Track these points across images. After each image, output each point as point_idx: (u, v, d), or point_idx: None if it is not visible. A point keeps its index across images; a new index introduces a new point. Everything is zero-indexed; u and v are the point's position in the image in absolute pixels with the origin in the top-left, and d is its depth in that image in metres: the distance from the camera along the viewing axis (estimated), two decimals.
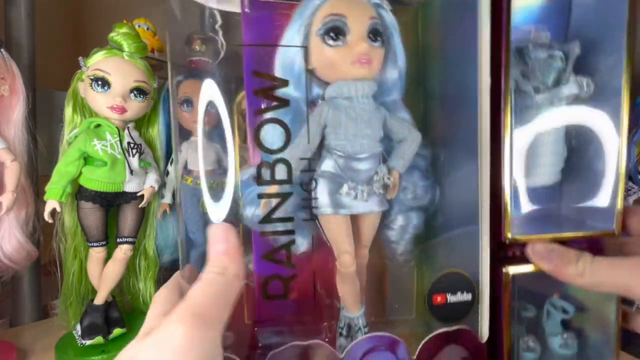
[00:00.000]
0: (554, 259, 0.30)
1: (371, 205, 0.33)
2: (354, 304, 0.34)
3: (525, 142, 0.35)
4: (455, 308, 0.33)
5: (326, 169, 0.32)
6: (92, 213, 0.47)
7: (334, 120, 0.31)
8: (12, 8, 0.58)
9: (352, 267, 0.33)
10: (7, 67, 0.48)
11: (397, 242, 0.35)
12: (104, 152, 0.46)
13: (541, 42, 0.35)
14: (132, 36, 0.47)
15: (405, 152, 0.33)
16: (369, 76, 0.31)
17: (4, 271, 0.49)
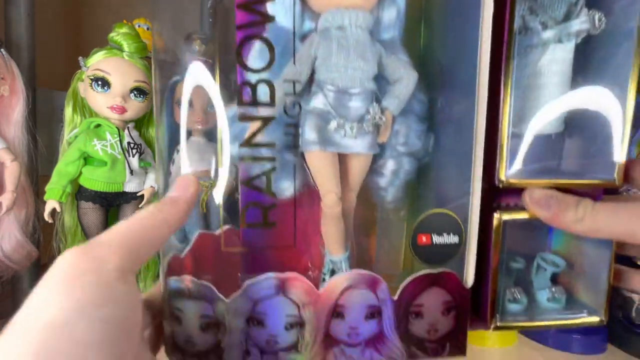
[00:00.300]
0: (552, 206, 0.28)
1: (361, 145, 0.32)
2: (337, 246, 0.33)
3: (527, 83, 0.34)
4: (440, 250, 0.32)
5: (315, 106, 0.31)
6: (92, 213, 0.47)
7: (324, 51, 0.30)
8: (12, 8, 0.58)
9: (337, 207, 0.32)
10: (7, 67, 0.48)
11: (386, 189, 0.34)
12: (104, 152, 0.46)
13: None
14: (132, 36, 0.47)
15: (400, 93, 0.32)
16: (363, 4, 0.30)
17: (4, 271, 0.49)
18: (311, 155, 0.32)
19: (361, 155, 0.33)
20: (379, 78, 0.33)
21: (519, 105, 0.33)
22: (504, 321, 0.33)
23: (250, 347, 0.29)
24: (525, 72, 0.34)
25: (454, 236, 0.32)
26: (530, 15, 0.33)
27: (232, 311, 0.29)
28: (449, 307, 0.31)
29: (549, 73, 0.34)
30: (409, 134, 0.33)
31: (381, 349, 0.31)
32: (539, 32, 0.33)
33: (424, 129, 0.34)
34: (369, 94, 0.32)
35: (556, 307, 0.36)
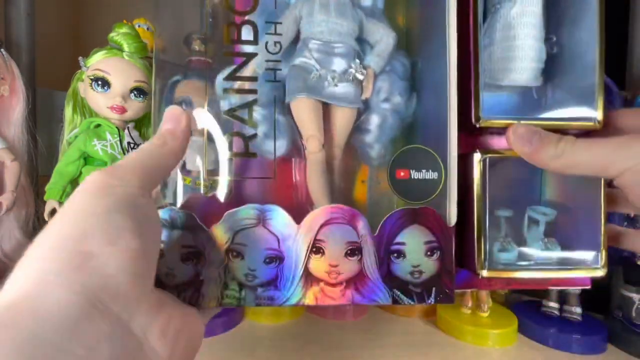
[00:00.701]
0: (534, 142, 0.28)
1: (344, 98, 0.33)
2: (321, 197, 0.33)
3: (501, 36, 0.36)
4: (419, 185, 0.31)
5: (301, 60, 0.33)
6: None
7: (308, 9, 0.33)
8: (12, 8, 0.58)
9: (319, 152, 0.33)
10: (7, 67, 0.48)
11: (372, 146, 0.35)
12: (104, 152, 0.46)
13: None
14: (132, 36, 0.47)
15: (380, 51, 0.34)
16: None
17: (3, 271, 0.49)
18: (296, 102, 0.32)
19: (345, 108, 0.33)
20: (363, 42, 0.35)
21: (496, 57, 0.36)
22: (493, 269, 0.33)
23: (229, 281, 0.29)
24: (497, 25, 0.35)
25: (433, 172, 0.31)
26: None
27: (212, 241, 0.29)
28: (432, 247, 0.31)
29: (518, 25, 0.35)
30: (391, 90, 0.34)
31: (362, 290, 0.30)
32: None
33: (406, 87, 0.35)
34: (352, 51, 0.33)
35: (550, 256, 0.35)
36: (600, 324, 0.51)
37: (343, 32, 0.33)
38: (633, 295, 0.49)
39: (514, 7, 0.35)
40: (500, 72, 0.36)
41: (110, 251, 0.19)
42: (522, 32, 0.35)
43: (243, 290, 0.29)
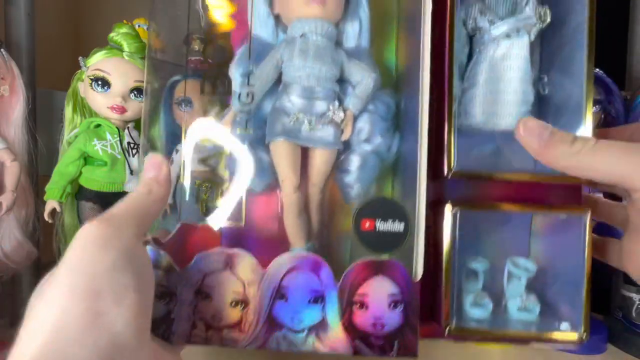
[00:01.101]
0: (544, 136, 0.26)
1: (321, 139, 0.33)
2: (296, 237, 0.34)
3: (484, 78, 0.34)
4: (385, 237, 0.31)
5: (282, 103, 0.34)
6: (92, 213, 0.47)
7: (288, 54, 0.33)
8: (12, 8, 0.58)
9: (293, 195, 0.33)
10: (7, 67, 0.48)
11: (352, 186, 0.35)
12: (104, 152, 0.46)
13: None
14: (132, 36, 0.47)
15: (360, 93, 0.34)
16: (323, 15, 0.33)
17: (3, 271, 0.49)
18: (274, 145, 0.33)
19: (323, 150, 0.34)
20: (346, 82, 0.35)
21: (479, 101, 0.34)
22: (461, 326, 0.31)
23: (197, 321, 0.30)
24: (481, 67, 0.34)
25: (400, 224, 0.31)
26: (481, 16, 0.34)
27: (183, 282, 0.30)
28: (396, 300, 0.30)
29: (503, 68, 0.34)
30: (372, 131, 0.34)
31: (324, 339, 0.30)
32: (488, 30, 0.34)
33: (388, 127, 0.35)
34: (331, 94, 0.34)
35: (527, 318, 0.34)
36: (600, 324, 0.51)
37: (322, 77, 0.33)
38: (633, 295, 0.49)
39: (498, 49, 0.34)
40: (483, 116, 0.34)
41: (117, 310, 0.21)
42: (506, 76, 0.34)
43: (210, 331, 0.30)
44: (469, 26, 0.35)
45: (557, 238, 0.34)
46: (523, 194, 0.33)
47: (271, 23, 0.35)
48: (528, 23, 0.33)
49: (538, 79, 0.35)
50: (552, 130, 0.26)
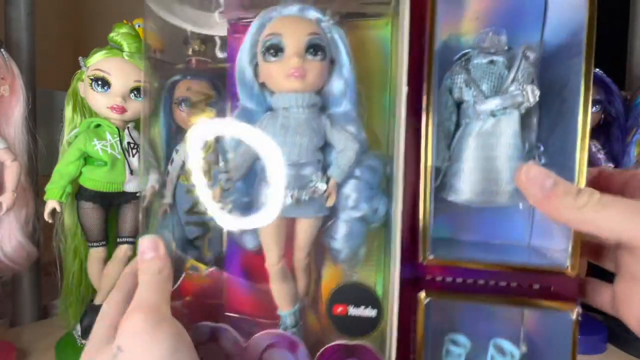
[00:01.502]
0: (547, 186, 0.24)
1: (304, 210, 0.34)
2: (282, 302, 0.35)
3: (468, 153, 0.32)
4: (357, 322, 0.32)
5: (265, 174, 0.34)
6: (92, 213, 0.47)
7: (271, 130, 0.34)
8: (12, 8, 0.58)
9: (277, 265, 0.34)
10: (7, 67, 0.48)
11: (340, 251, 0.35)
12: (104, 152, 0.46)
13: (489, 47, 0.32)
14: (132, 36, 0.47)
15: (342, 162, 0.34)
16: (303, 88, 0.33)
17: (4, 271, 0.49)
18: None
19: (308, 219, 0.35)
20: (330, 148, 0.35)
21: (465, 177, 0.32)
22: None
23: None
24: (467, 142, 0.33)
25: (372, 310, 0.31)
26: (466, 87, 0.33)
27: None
28: None
29: (489, 145, 0.32)
30: (358, 198, 0.34)
31: None
32: (472, 105, 0.33)
33: (373, 194, 0.35)
34: (315, 163, 0.34)
35: None
36: (600, 324, 0.51)
37: (304, 148, 0.33)
38: None
39: (484, 125, 0.32)
40: (469, 193, 0.32)
41: None
42: (493, 153, 0.32)
43: None
44: (454, 95, 0.34)
45: (544, 328, 0.33)
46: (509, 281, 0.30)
47: (257, 90, 0.35)
48: (515, 102, 0.31)
49: (535, 147, 0.33)
50: (556, 179, 0.25)
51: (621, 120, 0.56)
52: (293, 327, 0.35)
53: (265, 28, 0.34)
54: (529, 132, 0.33)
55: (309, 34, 0.33)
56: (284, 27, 0.33)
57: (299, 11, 0.34)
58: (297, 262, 0.36)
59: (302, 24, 0.33)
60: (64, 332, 0.51)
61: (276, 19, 0.34)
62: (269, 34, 0.33)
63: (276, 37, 0.32)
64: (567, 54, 0.29)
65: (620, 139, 0.56)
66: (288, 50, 0.32)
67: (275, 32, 0.33)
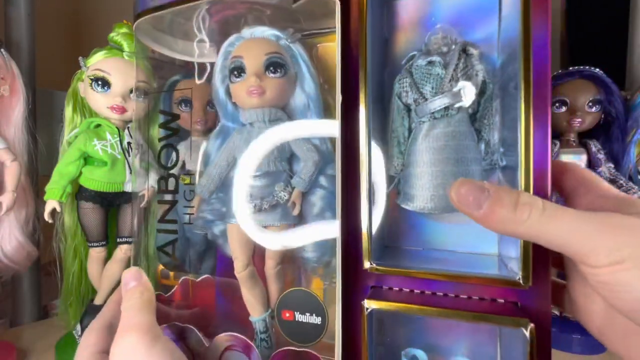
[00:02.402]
0: (483, 203, 0.21)
1: (267, 218, 0.36)
2: (252, 307, 0.37)
3: (417, 158, 0.31)
4: (304, 328, 0.33)
5: (235, 187, 0.37)
6: (92, 213, 0.47)
7: (238, 143, 0.37)
8: (12, 8, 0.58)
9: (243, 271, 0.36)
10: (7, 67, 0.48)
11: (309, 260, 0.37)
12: (104, 152, 0.46)
13: (435, 47, 0.31)
14: (132, 36, 0.47)
15: (302, 172, 0.36)
16: (264, 104, 0.36)
17: (4, 271, 0.49)
18: (229, 227, 0.37)
19: (272, 227, 0.36)
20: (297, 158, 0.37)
21: (415, 182, 0.31)
22: None
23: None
24: (415, 147, 0.31)
25: (317, 317, 0.32)
26: (410, 91, 0.31)
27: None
28: None
29: (436, 148, 0.30)
30: (322, 206, 0.36)
31: None
32: (414, 109, 0.31)
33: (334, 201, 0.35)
34: (273, 174, 0.36)
35: None
36: None
37: (261, 162, 0.36)
38: None
39: (429, 128, 0.30)
40: (419, 200, 0.30)
41: None
42: (441, 156, 0.30)
43: None
44: (402, 99, 0.32)
45: (506, 343, 0.30)
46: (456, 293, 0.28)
47: (230, 108, 0.38)
48: (455, 101, 0.29)
49: (495, 149, 0.30)
50: (492, 192, 0.22)
51: (621, 120, 0.56)
52: (263, 333, 0.37)
53: (230, 53, 0.37)
54: (488, 133, 0.30)
55: (267, 53, 0.35)
56: (245, 50, 0.36)
57: (260, 33, 0.37)
58: (268, 270, 0.37)
59: (262, 44, 0.36)
60: (64, 332, 0.52)
61: (239, 43, 0.37)
62: (233, 57, 0.36)
63: (238, 59, 0.36)
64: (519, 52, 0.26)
65: (620, 139, 0.56)
66: (248, 71, 0.35)
67: (237, 55, 0.36)
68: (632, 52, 0.64)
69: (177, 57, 0.42)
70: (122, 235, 0.49)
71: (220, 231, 0.39)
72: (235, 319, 0.39)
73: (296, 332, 0.33)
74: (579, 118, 0.55)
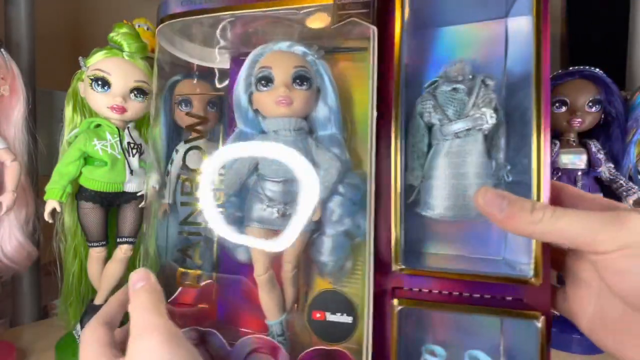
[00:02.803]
0: (504, 207, 0.26)
1: (288, 223, 0.36)
2: (269, 311, 0.38)
3: (439, 172, 0.35)
4: (334, 328, 0.34)
5: (255, 190, 0.38)
6: (92, 213, 0.47)
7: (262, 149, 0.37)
8: (12, 8, 0.58)
9: (264, 275, 0.37)
10: (7, 67, 0.48)
11: (325, 264, 0.38)
12: (104, 152, 0.46)
13: (456, 75, 0.36)
14: (132, 36, 0.47)
15: (324, 179, 0.37)
16: (290, 114, 0.37)
17: (4, 271, 0.49)
18: (249, 230, 0.38)
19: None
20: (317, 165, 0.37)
21: (436, 193, 0.35)
22: None
23: None
24: (437, 162, 0.36)
25: (348, 317, 0.34)
26: (434, 112, 0.36)
27: None
28: None
29: (457, 164, 0.35)
30: (342, 213, 0.37)
31: None
32: (439, 128, 0.36)
33: (356, 209, 0.38)
34: (296, 181, 0.36)
35: None
36: None
37: (286, 169, 0.35)
38: None
39: (451, 146, 0.35)
40: (441, 208, 0.35)
41: None
42: (461, 170, 0.35)
43: None
44: (425, 119, 0.37)
45: (516, 337, 0.34)
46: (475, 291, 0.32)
47: (251, 115, 0.39)
48: (476, 124, 0.35)
49: (503, 166, 0.35)
50: (510, 199, 0.26)
51: (621, 120, 0.56)
52: (280, 336, 0.37)
53: (258, 62, 0.38)
54: (496, 152, 0.35)
55: (295, 66, 0.37)
56: (273, 61, 0.37)
57: (287, 47, 0.38)
58: (285, 274, 0.38)
59: (290, 58, 0.37)
60: (64, 332, 0.51)
61: (267, 54, 0.38)
62: (260, 67, 0.37)
63: (267, 69, 0.37)
64: (527, 82, 0.32)
65: (620, 139, 0.56)
66: (277, 81, 0.36)
67: (266, 66, 0.37)
68: (632, 52, 0.64)
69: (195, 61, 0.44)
70: (122, 235, 0.49)
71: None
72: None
73: (327, 331, 0.34)
74: (579, 118, 0.55)
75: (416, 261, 0.34)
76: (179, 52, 0.42)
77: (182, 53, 0.43)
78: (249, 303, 0.39)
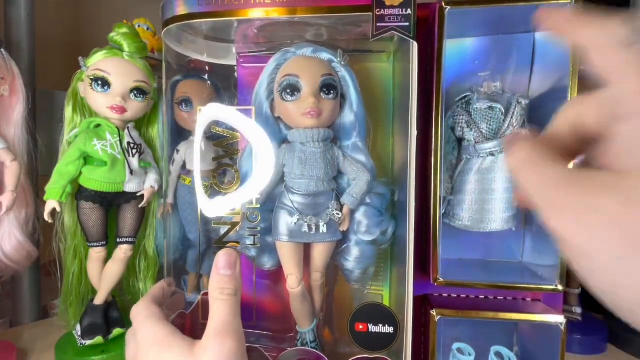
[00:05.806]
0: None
1: (320, 236, 0.37)
2: (302, 320, 0.38)
3: (469, 187, 0.38)
4: (377, 338, 0.35)
5: (283, 202, 0.38)
6: (92, 213, 0.47)
7: (289, 162, 0.37)
8: (12, 8, 0.58)
9: (297, 287, 0.37)
10: (7, 67, 0.48)
11: (352, 271, 0.39)
12: (104, 152, 0.46)
13: (487, 92, 0.38)
14: (132, 36, 0.47)
15: (354, 190, 0.37)
16: (318, 125, 0.36)
17: (4, 271, 0.49)
18: (280, 244, 0.38)
19: (324, 244, 0.38)
20: (343, 175, 0.39)
21: (467, 206, 0.39)
22: None
23: None
24: (468, 177, 0.38)
25: (389, 327, 0.35)
26: (467, 128, 0.38)
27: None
28: None
29: (488, 180, 0.38)
30: (369, 224, 0.38)
31: None
32: (473, 144, 0.38)
33: (383, 219, 0.38)
34: (326, 193, 0.37)
35: None
36: (600, 324, 0.51)
37: (319, 179, 0.37)
38: None
39: (483, 163, 0.38)
40: (470, 220, 0.38)
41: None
42: (491, 186, 0.37)
43: None
44: (457, 133, 0.39)
45: (538, 336, 0.38)
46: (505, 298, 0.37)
47: (272, 122, 0.38)
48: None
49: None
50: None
51: None
52: (313, 342, 0.38)
53: (282, 68, 0.37)
54: None
55: (323, 75, 0.36)
56: (300, 69, 0.36)
57: (312, 52, 0.37)
58: (314, 282, 0.39)
59: (317, 65, 0.36)
60: (64, 332, 0.51)
61: (291, 59, 0.37)
62: (286, 74, 0.36)
63: (293, 77, 0.35)
64: (552, 97, 0.35)
65: None
66: (305, 91, 0.35)
67: (292, 73, 0.35)
68: None
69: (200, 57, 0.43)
70: (122, 235, 0.49)
71: (257, 248, 0.39)
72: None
73: (370, 342, 0.36)
74: None
75: (451, 271, 0.36)
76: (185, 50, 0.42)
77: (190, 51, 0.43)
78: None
